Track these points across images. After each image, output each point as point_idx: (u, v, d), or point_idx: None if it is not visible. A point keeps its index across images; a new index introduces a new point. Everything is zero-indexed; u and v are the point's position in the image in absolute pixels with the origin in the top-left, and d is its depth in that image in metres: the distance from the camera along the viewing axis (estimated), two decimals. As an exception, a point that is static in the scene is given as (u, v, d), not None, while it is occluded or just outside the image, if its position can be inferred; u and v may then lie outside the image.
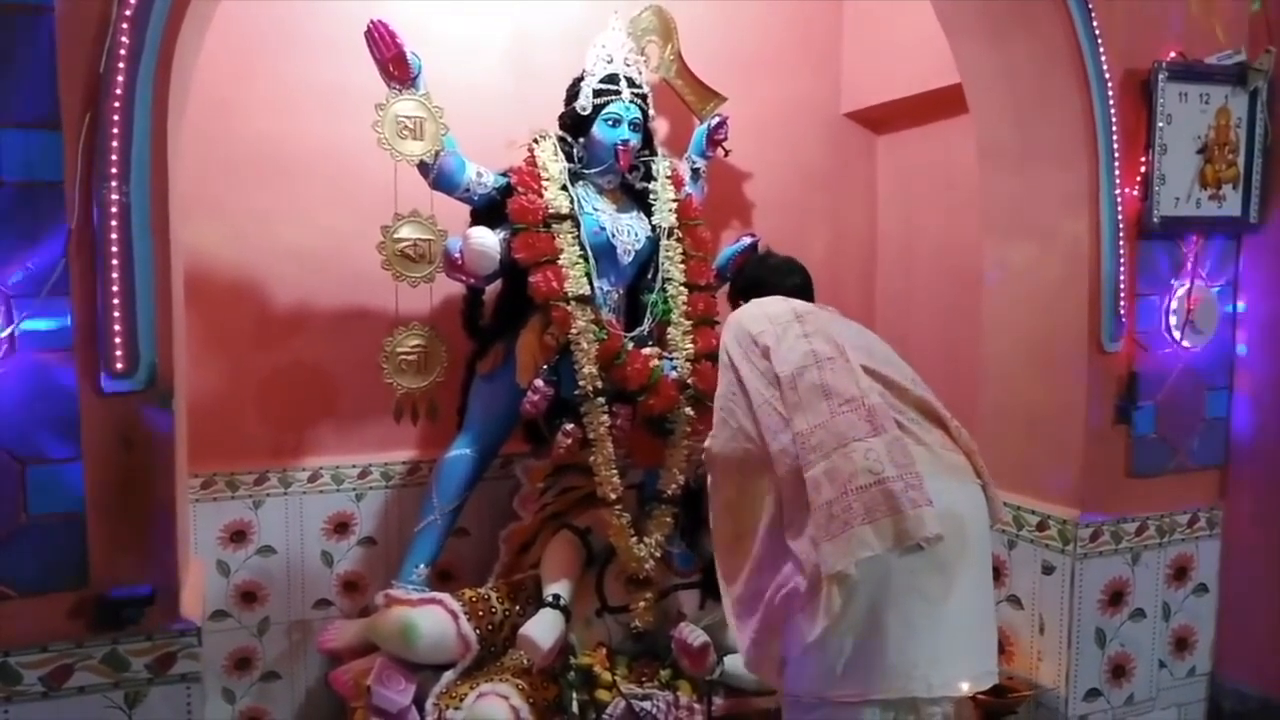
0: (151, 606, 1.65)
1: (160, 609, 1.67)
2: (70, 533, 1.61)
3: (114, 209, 1.58)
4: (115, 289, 1.59)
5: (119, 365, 1.61)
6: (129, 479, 1.65)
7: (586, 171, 2.44)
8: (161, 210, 1.65)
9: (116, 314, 1.59)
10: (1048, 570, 2.37)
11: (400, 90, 2.18)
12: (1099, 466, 2.33)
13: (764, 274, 2.21)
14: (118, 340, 1.60)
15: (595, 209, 2.41)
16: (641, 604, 2.33)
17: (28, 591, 1.60)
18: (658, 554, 2.35)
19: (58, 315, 1.59)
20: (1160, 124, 2.29)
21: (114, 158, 1.58)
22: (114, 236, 1.58)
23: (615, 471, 2.31)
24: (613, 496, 2.31)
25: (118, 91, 1.58)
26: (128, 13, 1.58)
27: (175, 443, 1.73)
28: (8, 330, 1.56)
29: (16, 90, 1.54)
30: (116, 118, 1.58)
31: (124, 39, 1.58)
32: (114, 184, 1.58)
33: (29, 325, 1.57)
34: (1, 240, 1.55)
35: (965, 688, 1.77)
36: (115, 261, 1.59)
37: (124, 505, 1.65)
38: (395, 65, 2.16)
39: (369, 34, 2.14)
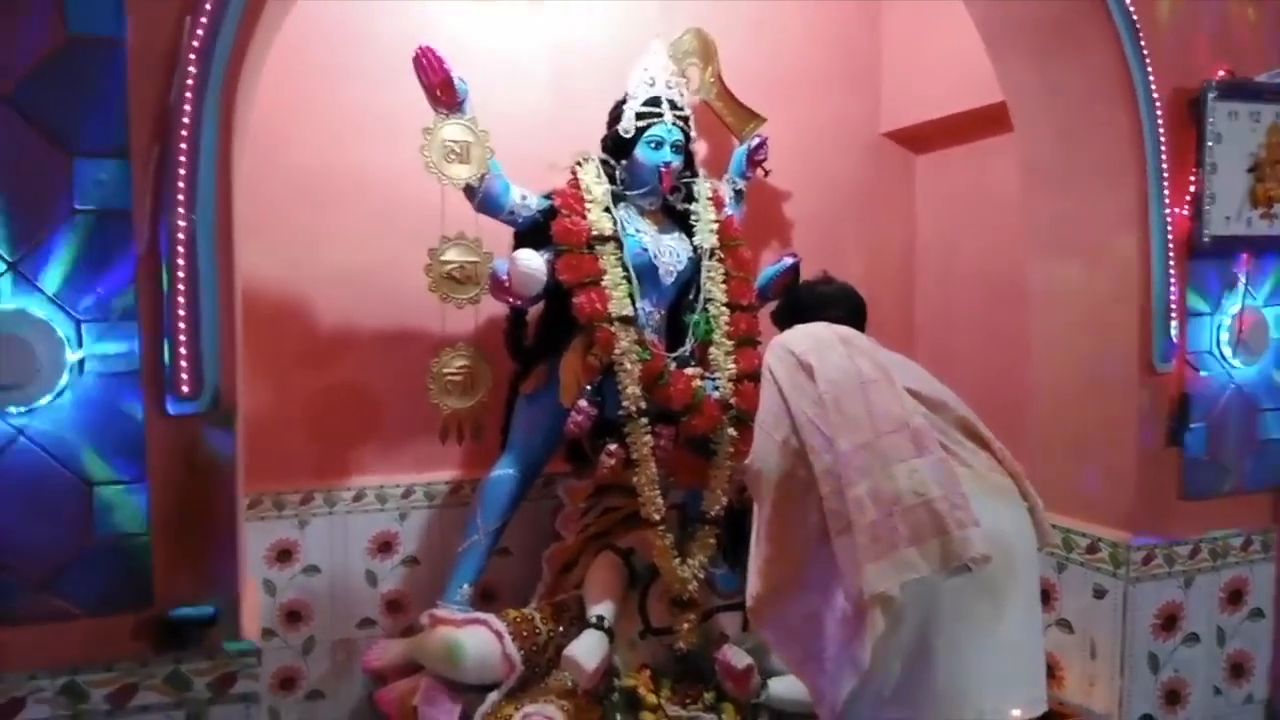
0: (214, 627, 1.67)
1: (222, 629, 1.69)
2: (135, 554, 1.64)
3: (181, 236, 1.62)
4: (182, 314, 1.63)
5: (184, 388, 1.64)
6: (192, 500, 1.68)
7: (629, 193, 2.46)
8: (226, 236, 1.69)
9: (183, 338, 1.63)
10: (1099, 594, 2.34)
11: (447, 115, 2.22)
12: (1151, 489, 2.30)
13: (810, 301, 2.11)
14: (184, 364, 1.63)
15: (637, 230, 2.43)
16: (685, 625, 2.32)
17: (94, 612, 1.63)
18: (701, 575, 2.35)
19: (126, 339, 1.62)
20: (1210, 143, 2.28)
21: (181, 185, 1.62)
22: (181, 263, 1.62)
23: (659, 492, 2.31)
24: (656, 517, 2.30)
25: (185, 121, 1.62)
26: (195, 45, 1.63)
27: (236, 464, 1.76)
28: (78, 354, 1.60)
29: (89, 121, 1.58)
30: (184, 147, 1.62)
31: (191, 69, 1.63)
32: (182, 211, 1.62)
33: (98, 349, 1.61)
34: (73, 267, 1.59)
35: (1016, 714, 1.74)
36: (182, 287, 1.63)
37: (187, 526, 1.68)
38: (442, 90, 2.20)
39: (417, 60, 2.18)
